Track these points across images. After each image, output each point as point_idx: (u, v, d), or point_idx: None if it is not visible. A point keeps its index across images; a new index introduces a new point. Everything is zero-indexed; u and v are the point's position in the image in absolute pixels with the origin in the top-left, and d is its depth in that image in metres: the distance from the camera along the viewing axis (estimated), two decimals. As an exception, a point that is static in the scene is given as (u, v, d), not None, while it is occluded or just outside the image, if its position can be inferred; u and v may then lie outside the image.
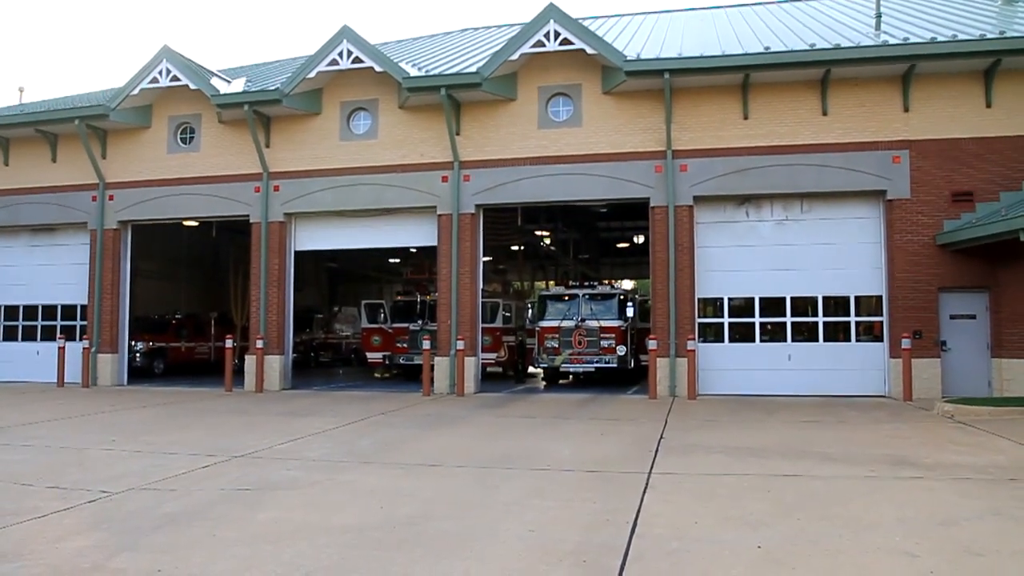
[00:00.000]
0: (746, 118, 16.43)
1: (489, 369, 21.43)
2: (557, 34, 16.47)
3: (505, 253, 31.29)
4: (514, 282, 33.10)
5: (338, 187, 18.39)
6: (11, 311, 21.66)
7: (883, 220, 16.17)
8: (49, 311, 21.29)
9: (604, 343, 19.16)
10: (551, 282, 34.07)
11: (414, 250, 30.19)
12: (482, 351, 18.67)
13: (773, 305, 16.63)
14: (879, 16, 17.67)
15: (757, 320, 16.71)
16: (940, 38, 15.28)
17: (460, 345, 16.98)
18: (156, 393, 17.88)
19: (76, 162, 20.30)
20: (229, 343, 18.87)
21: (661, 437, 10.48)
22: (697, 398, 15.70)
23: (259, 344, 18.46)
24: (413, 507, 6.58)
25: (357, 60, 17.56)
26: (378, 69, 17.47)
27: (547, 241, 29.91)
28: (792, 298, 16.51)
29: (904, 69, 15.60)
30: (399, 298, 23.76)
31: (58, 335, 20.37)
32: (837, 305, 16.49)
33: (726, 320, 16.85)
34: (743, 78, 16.10)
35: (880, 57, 15.34)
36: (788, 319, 16.51)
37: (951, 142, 15.69)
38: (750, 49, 16.17)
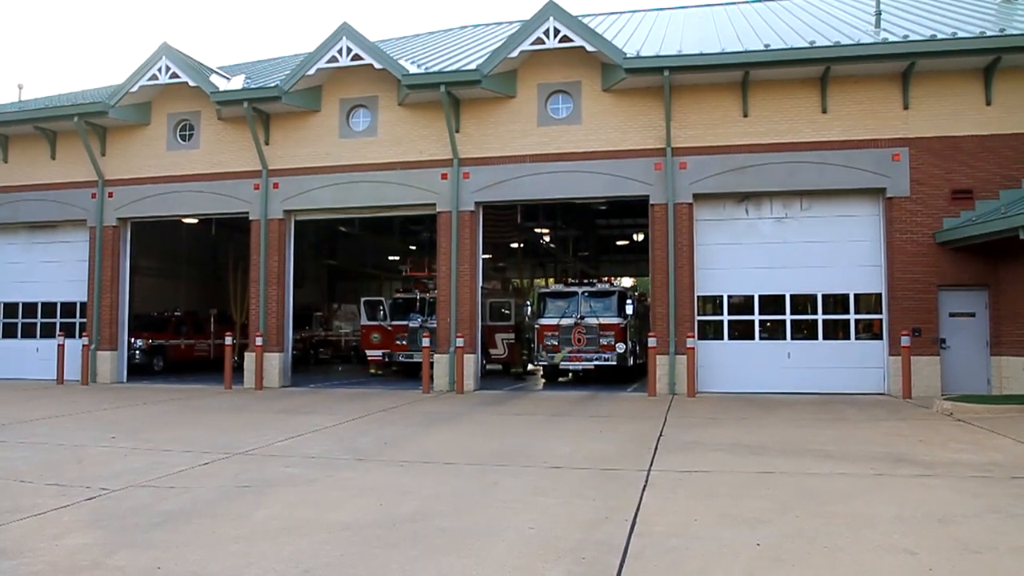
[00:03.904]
0: (746, 116, 16.42)
1: (489, 366, 21.43)
2: (556, 31, 16.46)
3: (505, 250, 31.31)
4: (514, 279, 33.11)
5: (338, 184, 18.39)
6: (10, 308, 21.66)
7: (883, 218, 16.16)
8: (48, 308, 21.29)
9: (603, 340, 19.16)
10: (550, 279, 34.10)
11: (413, 248, 30.40)
12: (481, 348, 18.67)
13: (772, 303, 16.63)
14: (879, 14, 17.66)
15: (756, 318, 16.72)
16: (940, 36, 15.27)
17: (459, 342, 16.97)
18: (155, 390, 17.88)
19: (75, 159, 20.30)
20: (228, 340, 18.87)
21: (660, 435, 10.48)
22: (696, 396, 15.71)
23: (258, 341, 18.46)
24: (412, 504, 6.59)
25: (356, 57, 17.54)
26: (377, 66, 17.45)
27: (547, 238, 29.91)
28: (791, 296, 16.52)
29: (904, 67, 15.59)
30: (398, 295, 23.75)
31: (57, 332, 20.38)
32: (836, 303, 16.49)
33: (725, 318, 16.86)
34: (743, 76, 16.09)
35: (880, 55, 15.32)
36: (787, 317, 16.52)
37: (951, 140, 15.69)
38: (750, 47, 16.16)
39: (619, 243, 34.56)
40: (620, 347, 19.03)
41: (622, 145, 16.91)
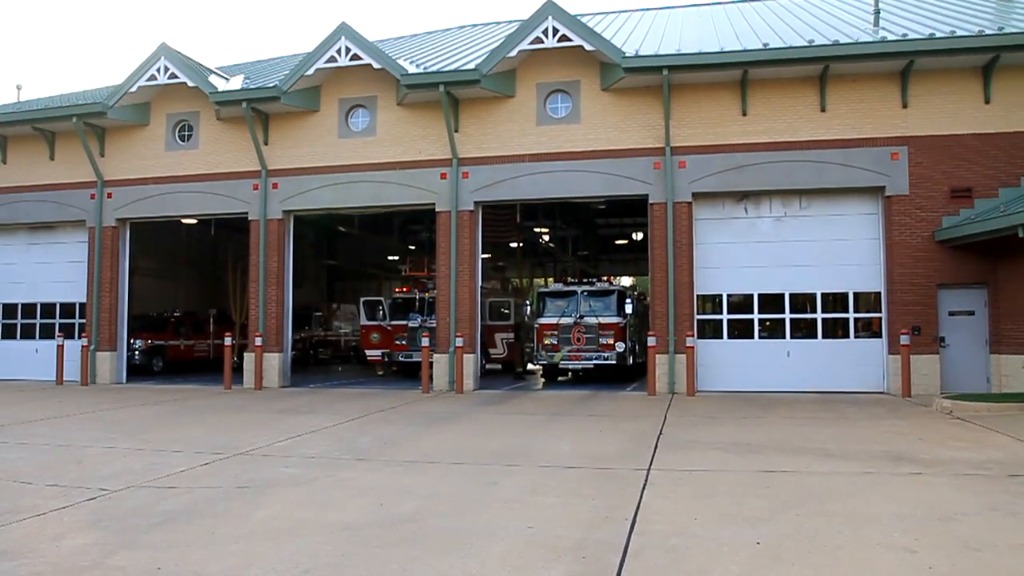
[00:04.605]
0: (745, 114, 16.42)
1: (488, 366, 21.43)
2: (555, 31, 16.45)
3: (504, 250, 31.33)
4: (513, 279, 33.11)
5: (337, 184, 18.39)
6: (10, 309, 21.65)
7: (882, 216, 16.17)
8: (48, 309, 21.27)
9: (603, 340, 19.15)
10: (550, 279, 34.10)
11: (413, 247, 30.42)
12: (481, 348, 18.67)
13: (772, 301, 16.64)
14: (878, 12, 17.68)
15: (756, 316, 16.72)
16: (938, 34, 15.27)
17: (459, 342, 16.97)
18: (155, 391, 17.88)
19: (74, 160, 20.28)
20: (228, 341, 18.87)
21: (660, 434, 10.49)
22: (696, 395, 15.71)
23: (258, 341, 18.46)
24: (412, 504, 6.59)
25: (355, 57, 17.54)
26: (376, 66, 17.45)
27: (546, 238, 29.92)
28: (791, 294, 16.53)
29: (902, 65, 15.59)
30: (398, 295, 23.75)
31: (57, 333, 20.38)
32: (836, 301, 16.50)
33: (725, 317, 16.87)
34: (742, 74, 16.09)
35: (878, 53, 15.33)
36: (787, 315, 16.52)
37: (950, 138, 15.70)
38: (749, 45, 16.16)
39: (618, 242, 34.59)
40: (620, 346, 19.02)
41: (621, 144, 16.91)
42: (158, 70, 18.71)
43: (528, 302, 21.12)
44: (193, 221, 22.10)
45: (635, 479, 7.49)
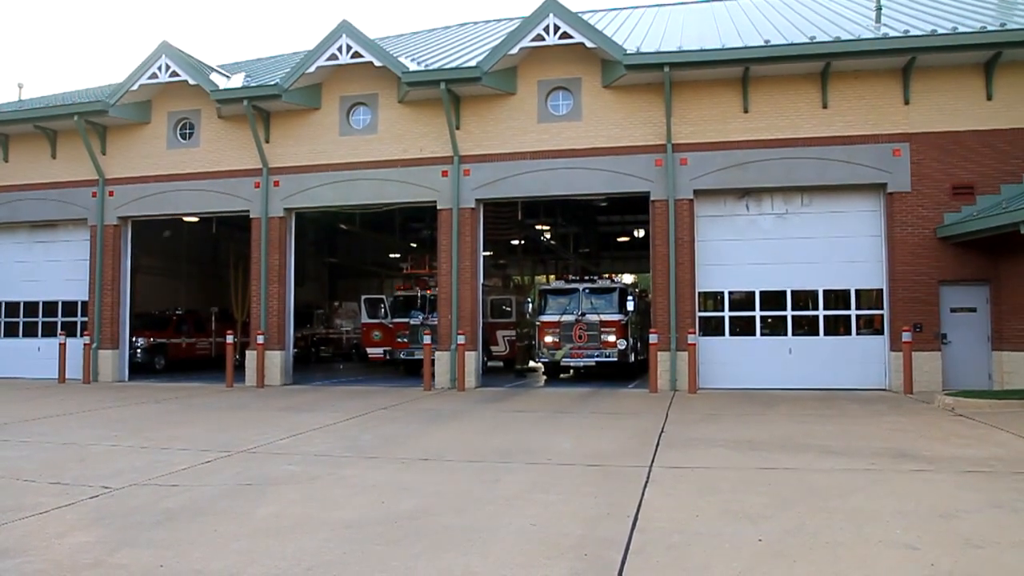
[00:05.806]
0: (746, 111, 16.39)
1: (490, 363, 21.44)
2: (556, 28, 16.43)
3: (505, 248, 31.33)
4: (514, 276, 33.13)
5: (338, 182, 18.39)
6: (12, 307, 21.67)
7: (884, 213, 16.15)
8: (50, 307, 21.29)
9: (605, 337, 19.14)
10: (551, 276, 34.10)
11: (414, 245, 30.44)
12: (483, 345, 18.66)
13: (774, 299, 16.63)
14: (879, 9, 17.62)
15: (758, 314, 16.71)
16: (940, 30, 15.25)
17: (461, 340, 16.98)
18: (157, 389, 17.90)
19: (76, 158, 20.28)
20: (230, 339, 18.89)
21: (662, 431, 10.49)
22: (698, 392, 15.71)
23: (260, 339, 18.47)
24: (414, 502, 6.59)
25: (356, 55, 17.52)
26: (377, 64, 17.44)
27: (547, 235, 29.91)
28: (793, 291, 16.52)
29: (904, 62, 15.56)
30: (399, 292, 23.76)
31: (59, 331, 20.39)
32: (838, 298, 16.49)
33: (727, 314, 16.86)
34: (743, 71, 16.06)
35: (880, 50, 15.31)
36: (788, 313, 16.51)
37: (951, 135, 15.66)
38: (750, 42, 16.13)
39: (620, 239, 34.60)
40: (621, 343, 19.01)
41: (622, 141, 16.90)
42: (159, 68, 18.71)
43: (530, 299, 21.11)
44: (195, 219, 22.12)
45: (637, 476, 7.49)
